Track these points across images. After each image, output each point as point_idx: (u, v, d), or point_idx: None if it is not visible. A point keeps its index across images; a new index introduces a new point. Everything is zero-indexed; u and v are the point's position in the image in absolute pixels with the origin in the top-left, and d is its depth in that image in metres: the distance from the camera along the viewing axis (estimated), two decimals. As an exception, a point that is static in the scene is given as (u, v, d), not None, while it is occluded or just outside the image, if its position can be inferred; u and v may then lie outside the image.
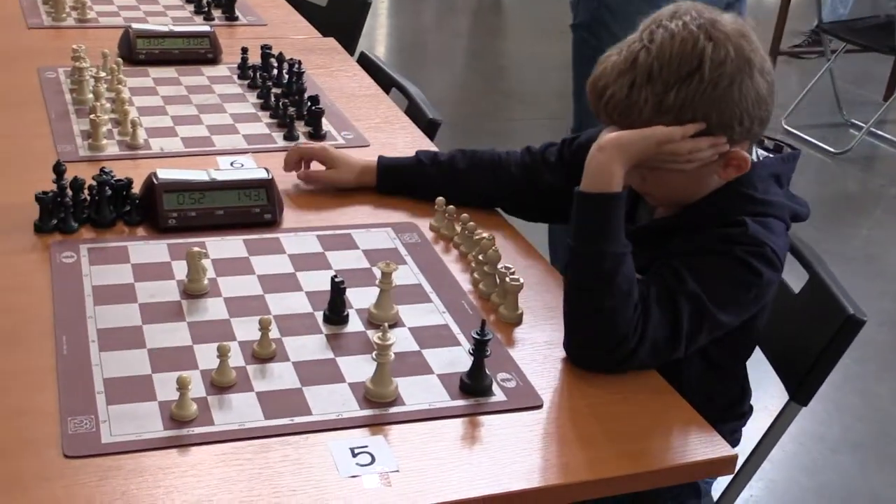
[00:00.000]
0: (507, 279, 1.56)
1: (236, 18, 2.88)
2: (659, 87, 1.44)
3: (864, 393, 3.06)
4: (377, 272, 1.52)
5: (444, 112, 2.69)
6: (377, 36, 6.12)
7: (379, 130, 2.21)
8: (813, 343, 1.66)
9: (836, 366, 1.64)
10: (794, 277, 1.76)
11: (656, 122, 1.44)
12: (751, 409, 1.74)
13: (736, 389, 1.70)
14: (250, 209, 1.75)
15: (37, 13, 2.77)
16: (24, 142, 2.01)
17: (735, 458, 1.32)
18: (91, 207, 1.71)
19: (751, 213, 1.49)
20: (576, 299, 1.42)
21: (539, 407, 1.37)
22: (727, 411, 1.65)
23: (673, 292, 1.42)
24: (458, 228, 1.76)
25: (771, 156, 1.61)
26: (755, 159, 1.57)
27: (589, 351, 1.42)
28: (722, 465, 1.32)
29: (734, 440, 1.67)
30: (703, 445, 1.32)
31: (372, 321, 1.51)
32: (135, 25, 2.52)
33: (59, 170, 1.69)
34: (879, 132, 5.00)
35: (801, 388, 1.67)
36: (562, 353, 1.47)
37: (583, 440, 1.32)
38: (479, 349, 1.36)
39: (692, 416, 1.38)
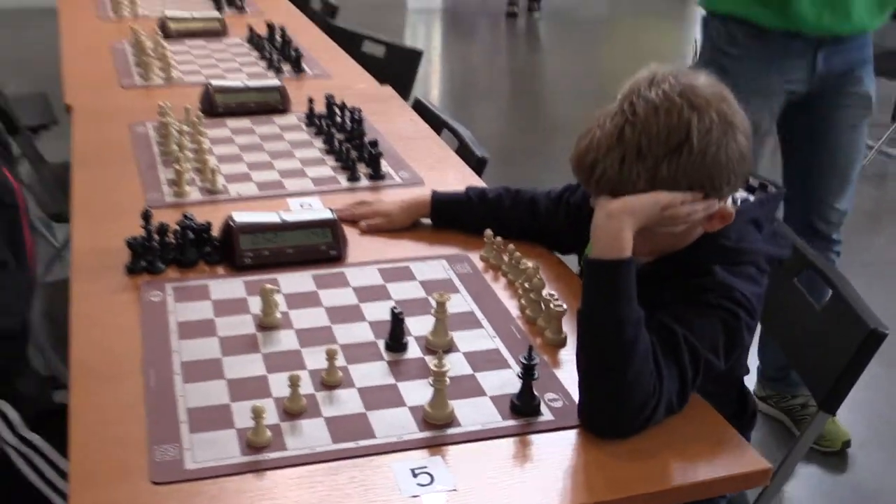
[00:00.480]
0: (552, 305, 1.51)
1: (303, 72, 2.87)
2: (650, 161, 1.31)
3: (889, 395, 2.95)
4: (433, 302, 1.49)
5: (492, 147, 2.62)
6: (431, 81, 6.09)
7: (432, 169, 2.17)
8: (838, 356, 1.59)
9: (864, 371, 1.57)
10: (819, 294, 1.70)
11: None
12: (754, 414, 1.65)
13: (731, 409, 1.57)
14: (317, 246, 1.72)
15: (129, 74, 2.78)
16: (116, 191, 2.00)
17: (769, 470, 1.26)
18: (176, 249, 1.69)
19: (722, 262, 1.38)
20: (597, 370, 1.27)
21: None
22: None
23: (671, 346, 1.30)
24: (506, 258, 1.71)
25: (750, 198, 1.50)
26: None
27: (613, 421, 1.26)
28: (757, 478, 1.26)
29: None
30: (739, 459, 1.26)
31: (429, 347, 1.47)
32: (213, 82, 2.52)
33: (146, 216, 1.68)
34: (890, 151, 4.86)
35: (829, 398, 1.60)
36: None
37: (628, 456, 1.25)
38: (528, 373, 1.31)
39: (728, 431, 1.32)
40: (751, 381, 2.87)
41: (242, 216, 1.73)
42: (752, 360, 2.84)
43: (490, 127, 5.14)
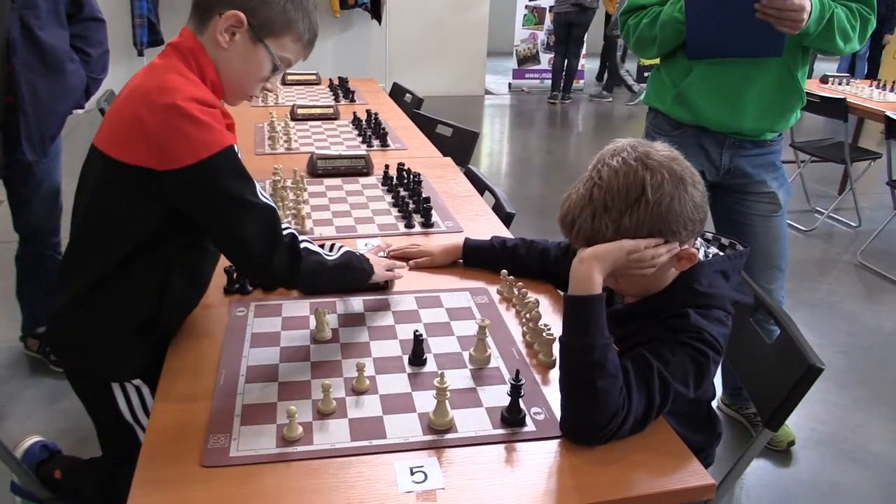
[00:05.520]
0: (544, 334, 1.32)
1: (388, 145, 2.73)
2: (615, 214, 1.15)
3: (826, 403, 2.65)
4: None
5: (521, 205, 2.43)
6: (482, 155, 5.89)
7: (471, 221, 1.99)
8: (783, 384, 1.37)
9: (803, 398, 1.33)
10: (770, 331, 1.47)
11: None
12: (720, 434, 1.43)
13: (700, 427, 1.37)
14: (370, 278, 1.56)
15: (262, 145, 2.68)
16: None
17: (713, 486, 1.04)
18: (262, 276, 1.54)
19: (694, 305, 1.19)
20: (573, 385, 1.09)
21: (561, 436, 1.11)
22: (699, 440, 1.35)
23: (644, 375, 1.12)
24: (516, 292, 1.53)
25: (721, 254, 1.30)
26: (703, 257, 1.27)
27: (585, 428, 1.08)
28: (704, 491, 1.04)
29: (707, 462, 1.37)
30: (689, 475, 1.05)
31: (471, 362, 1.29)
32: (317, 150, 2.39)
33: (243, 250, 1.54)
34: (836, 216, 4.51)
35: (772, 418, 1.37)
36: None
37: (596, 464, 1.06)
38: (515, 392, 1.13)
39: (682, 451, 1.10)
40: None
41: (315, 252, 1.57)
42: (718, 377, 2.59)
43: (523, 190, 4.89)
